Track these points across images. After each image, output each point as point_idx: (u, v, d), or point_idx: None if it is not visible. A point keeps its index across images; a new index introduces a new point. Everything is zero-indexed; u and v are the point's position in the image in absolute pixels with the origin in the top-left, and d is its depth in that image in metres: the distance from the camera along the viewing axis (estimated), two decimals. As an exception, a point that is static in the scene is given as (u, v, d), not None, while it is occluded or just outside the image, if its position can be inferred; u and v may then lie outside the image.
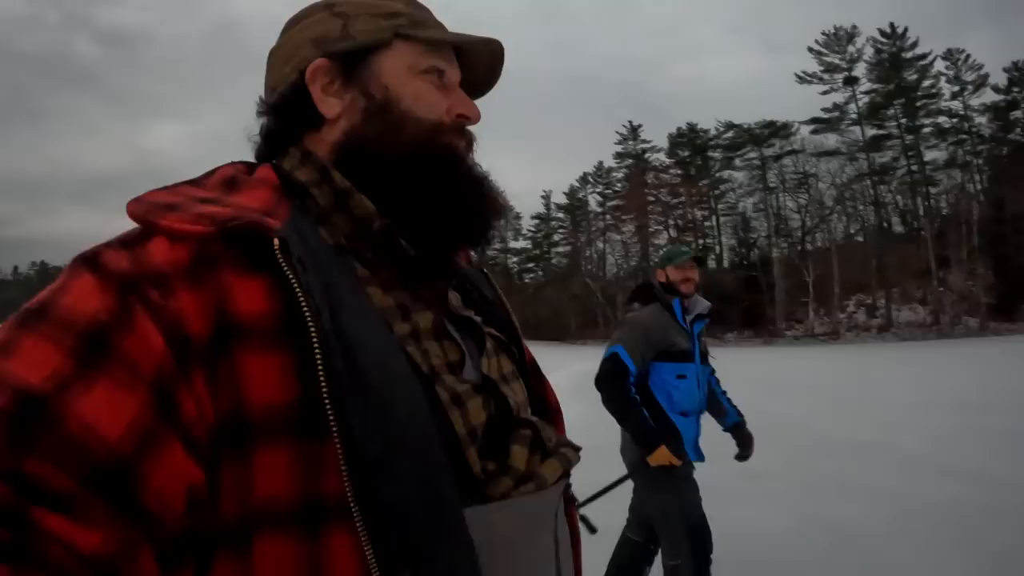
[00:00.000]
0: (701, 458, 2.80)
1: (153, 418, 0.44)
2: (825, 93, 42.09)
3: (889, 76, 39.29)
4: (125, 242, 0.52)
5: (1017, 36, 58.23)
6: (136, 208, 0.54)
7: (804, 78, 42.42)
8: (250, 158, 0.71)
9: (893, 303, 36.98)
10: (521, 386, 0.73)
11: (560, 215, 60.86)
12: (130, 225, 0.55)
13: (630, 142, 54.17)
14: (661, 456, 2.59)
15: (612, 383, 2.69)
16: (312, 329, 0.49)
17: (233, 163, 0.67)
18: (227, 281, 0.51)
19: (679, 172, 50.65)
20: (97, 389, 0.43)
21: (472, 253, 0.84)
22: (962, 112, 38.50)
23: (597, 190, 56.99)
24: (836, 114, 41.78)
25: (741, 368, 13.38)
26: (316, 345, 0.49)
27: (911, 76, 39.27)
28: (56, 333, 0.44)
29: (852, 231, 44.53)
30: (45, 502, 0.39)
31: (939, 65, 38.91)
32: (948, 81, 38.76)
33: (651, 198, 49.82)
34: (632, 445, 2.76)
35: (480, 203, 0.68)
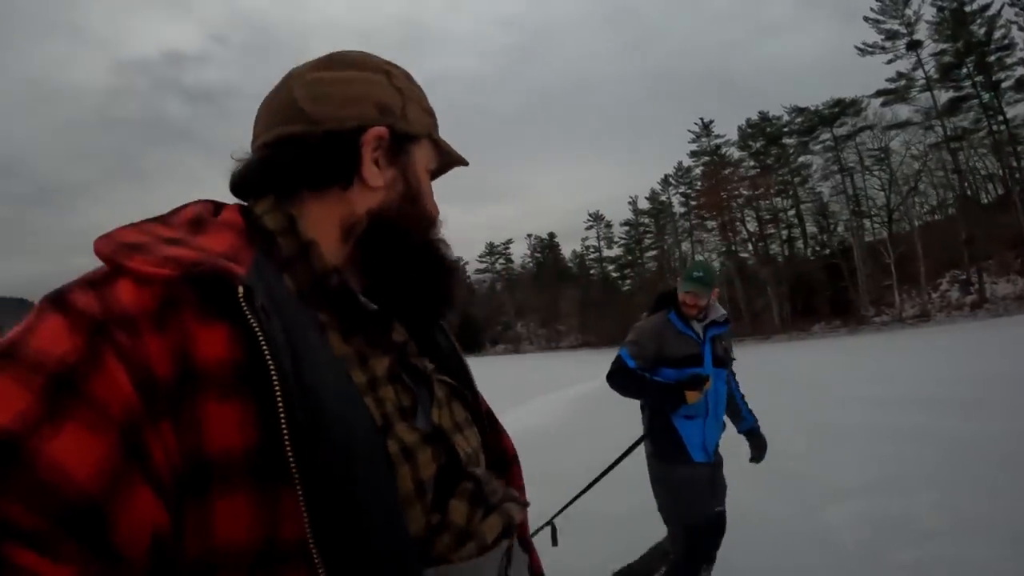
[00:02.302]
0: (709, 459, 2.88)
1: (121, 460, 0.43)
2: (890, 62, 39.02)
3: (956, 33, 35.75)
4: (92, 282, 0.51)
5: None
6: (103, 247, 0.53)
7: (865, 49, 39.57)
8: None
9: (989, 276, 33.54)
10: (475, 433, 0.74)
11: (646, 220, 60.42)
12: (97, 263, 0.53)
13: (704, 139, 52.77)
14: (693, 397, 2.76)
15: (616, 375, 2.92)
16: (275, 378, 0.48)
17: (199, 202, 0.65)
18: (190, 326, 0.50)
19: (753, 164, 48.77)
20: (66, 431, 0.42)
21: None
22: (1028, 58, 34.18)
23: (680, 191, 56.06)
24: (902, 83, 38.57)
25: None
26: (279, 394, 0.48)
27: (979, 30, 35.51)
28: (24, 375, 0.43)
29: (936, 204, 40.86)
30: (17, 538, 0.39)
31: (1007, 13, 34.74)
32: (1020, 28, 34.51)
33: (725, 194, 48.29)
34: (651, 450, 2.96)
35: (451, 290, 0.73)
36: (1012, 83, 35.16)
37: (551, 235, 72.91)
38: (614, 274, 64.05)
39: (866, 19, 39.03)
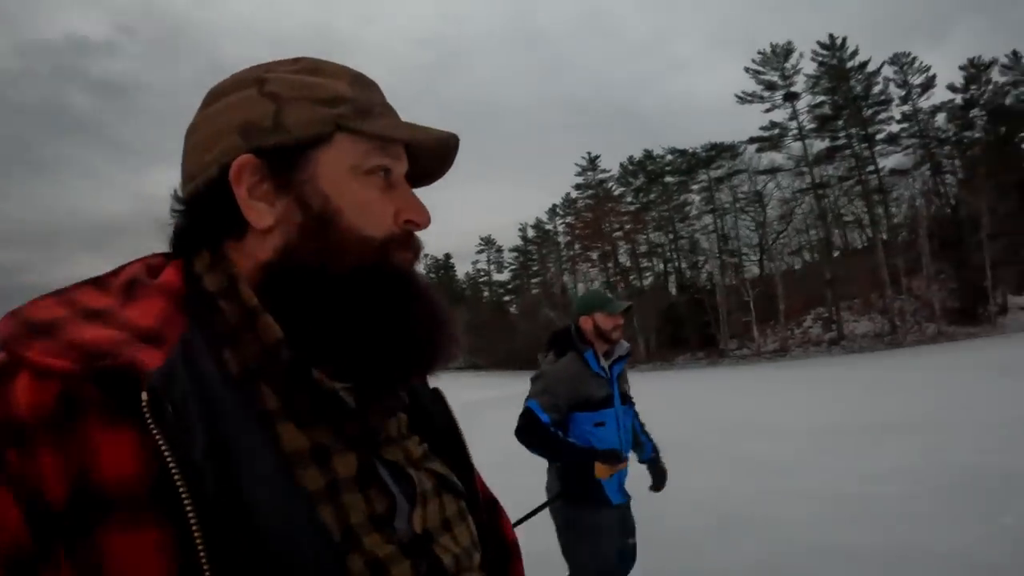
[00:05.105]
0: (625, 499, 2.52)
1: None
2: (768, 111, 37.24)
3: (835, 87, 34.52)
4: None
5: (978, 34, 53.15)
6: (4, 328, 0.42)
7: (744, 98, 37.73)
8: None
9: (853, 315, 32.00)
10: (468, 528, 0.57)
11: (532, 248, 56.93)
12: None
13: (589, 173, 50.05)
14: (603, 473, 2.35)
15: (526, 431, 2.44)
16: (187, 503, 0.38)
17: (145, 258, 0.52)
18: (92, 435, 0.39)
19: (631, 201, 46.29)
20: None
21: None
22: (909, 112, 33.59)
23: (566, 221, 52.96)
24: (776, 131, 36.87)
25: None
26: (193, 521, 0.38)
27: (858, 86, 34.43)
28: None
29: (803, 246, 39.37)
30: None
31: (887, 71, 34.09)
32: (898, 85, 33.89)
33: (606, 227, 45.35)
34: (556, 484, 2.53)
35: (433, 327, 0.53)
36: (885, 135, 34.15)
37: (447, 256, 67.75)
38: (505, 298, 59.90)
39: (747, 70, 37.38)
